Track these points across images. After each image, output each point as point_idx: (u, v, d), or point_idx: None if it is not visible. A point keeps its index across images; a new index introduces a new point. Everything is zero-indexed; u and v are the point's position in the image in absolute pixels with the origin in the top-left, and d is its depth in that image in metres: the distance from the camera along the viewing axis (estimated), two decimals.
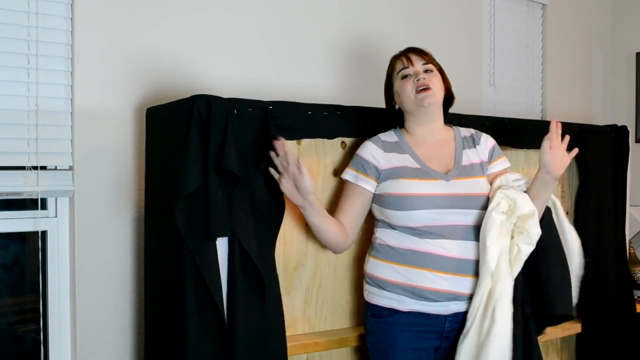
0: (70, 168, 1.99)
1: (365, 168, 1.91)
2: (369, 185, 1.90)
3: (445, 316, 1.85)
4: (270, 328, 1.78)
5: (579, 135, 2.59)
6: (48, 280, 2.01)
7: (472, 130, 2.02)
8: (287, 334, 1.84)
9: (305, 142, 2.04)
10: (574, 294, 2.03)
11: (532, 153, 2.52)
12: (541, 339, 2.44)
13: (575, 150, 1.93)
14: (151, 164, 1.94)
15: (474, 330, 1.80)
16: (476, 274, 1.83)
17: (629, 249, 2.98)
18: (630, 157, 2.77)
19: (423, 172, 1.87)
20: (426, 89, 1.86)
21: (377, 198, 1.91)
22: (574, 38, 3.45)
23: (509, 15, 3.17)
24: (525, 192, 1.92)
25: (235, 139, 1.71)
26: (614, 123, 2.81)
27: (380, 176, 1.90)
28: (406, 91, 1.89)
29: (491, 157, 1.97)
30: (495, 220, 1.81)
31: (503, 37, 3.13)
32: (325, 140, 2.07)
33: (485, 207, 1.85)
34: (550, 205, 2.04)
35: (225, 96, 1.76)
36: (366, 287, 1.94)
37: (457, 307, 1.84)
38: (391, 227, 1.88)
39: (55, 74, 1.97)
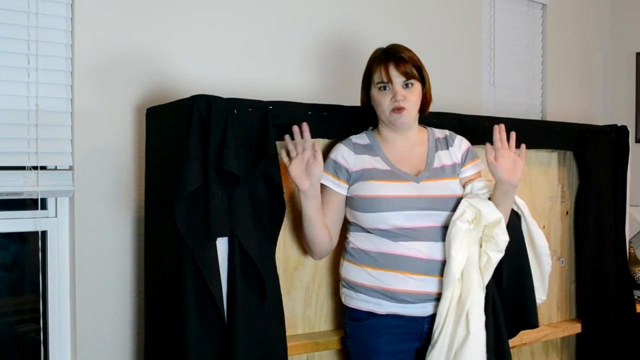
0: (70, 168, 1.99)
1: (337, 171, 1.89)
2: (341, 188, 1.89)
3: (424, 318, 1.84)
4: (270, 328, 1.78)
5: (579, 135, 2.59)
6: (48, 280, 2.01)
7: (446, 132, 1.98)
8: (287, 334, 1.84)
9: None
10: (539, 296, 2.06)
11: (532, 153, 2.52)
12: (541, 339, 2.46)
13: (524, 148, 1.87)
14: (151, 164, 1.94)
15: (443, 340, 1.78)
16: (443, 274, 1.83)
17: (629, 249, 2.98)
18: (630, 157, 2.77)
19: (393, 174, 1.85)
20: (400, 109, 1.82)
21: (348, 201, 1.89)
22: (574, 38, 3.45)
23: (509, 15, 3.17)
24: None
25: (235, 139, 1.71)
26: (614, 123, 2.81)
27: (351, 178, 1.88)
28: (382, 105, 1.84)
29: (464, 160, 1.93)
30: (459, 229, 1.79)
31: (503, 37, 3.13)
32: (326, 140, 2.07)
33: (455, 209, 1.84)
34: (516, 209, 2.01)
35: (225, 96, 1.76)
36: (342, 290, 1.93)
37: (435, 308, 1.82)
38: (364, 230, 1.86)
39: (55, 74, 1.97)
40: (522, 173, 1.83)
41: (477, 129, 2.15)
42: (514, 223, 1.98)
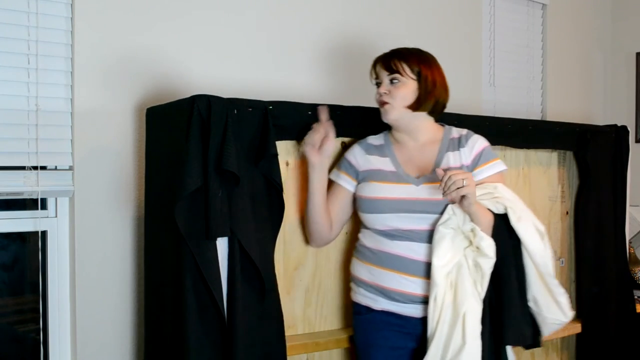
0: (70, 168, 1.99)
1: (346, 167, 1.96)
2: (347, 183, 1.95)
3: (418, 319, 1.83)
4: (270, 328, 1.78)
5: (579, 135, 2.59)
6: (48, 280, 2.01)
7: (463, 132, 1.94)
8: (287, 334, 1.84)
9: None
10: (554, 316, 1.92)
11: (532, 153, 2.52)
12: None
13: (440, 171, 1.73)
14: (151, 164, 1.94)
15: (436, 348, 1.75)
16: None
17: (629, 249, 2.98)
18: (630, 157, 2.77)
19: (396, 176, 1.87)
20: (382, 103, 1.85)
21: (355, 201, 1.95)
22: (574, 38, 3.45)
23: (509, 15, 3.17)
24: None
25: (235, 139, 1.71)
26: (614, 123, 2.81)
27: (359, 177, 1.94)
28: (375, 100, 1.90)
29: (477, 162, 1.88)
30: (442, 235, 1.76)
31: (503, 37, 3.13)
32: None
33: None
34: (502, 210, 1.85)
35: (225, 96, 1.76)
36: (351, 285, 1.99)
37: (426, 311, 1.80)
38: (368, 228, 1.92)
39: (55, 74, 1.97)
40: (469, 182, 1.68)
41: (477, 129, 2.15)
42: (498, 231, 1.84)
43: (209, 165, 1.66)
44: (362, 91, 2.55)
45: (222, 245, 1.70)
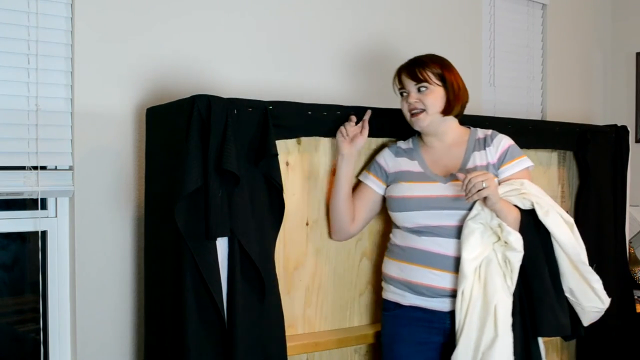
0: (70, 168, 1.99)
1: (375, 170, 2.04)
2: (374, 184, 2.03)
3: (445, 313, 1.88)
4: (270, 328, 1.78)
5: (579, 135, 2.59)
6: (48, 280, 2.01)
7: (488, 132, 2.00)
8: (287, 334, 1.84)
9: (305, 141, 2.04)
10: (593, 304, 1.95)
11: (532, 153, 2.51)
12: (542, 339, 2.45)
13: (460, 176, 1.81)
14: (151, 164, 1.94)
15: (467, 341, 1.78)
16: None
17: (629, 249, 2.98)
18: (630, 157, 2.77)
19: (423, 176, 1.95)
20: (416, 113, 1.91)
21: (386, 201, 2.02)
22: (574, 38, 3.45)
23: (509, 15, 3.17)
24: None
25: (235, 139, 1.71)
26: (614, 123, 2.81)
27: (388, 179, 2.02)
28: (403, 111, 1.96)
29: (503, 160, 1.94)
30: (470, 228, 1.81)
31: (503, 37, 3.13)
32: (326, 140, 2.07)
33: None
34: (529, 206, 1.88)
35: (225, 96, 1.76)
36: (382, 283, 2.04)
37: (454, 304, 1.84)
38: (398, 227, 1.98)
39: (55, 74, 1.97)
40: (488, 183, 1.74)
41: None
42: (527, 227, 1.89)
43: (209, 165, 1.66)
44: (363, 91, 2.55)
45: (222, 245, 1.70)
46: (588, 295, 1.95)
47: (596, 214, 2.61)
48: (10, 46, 1.90)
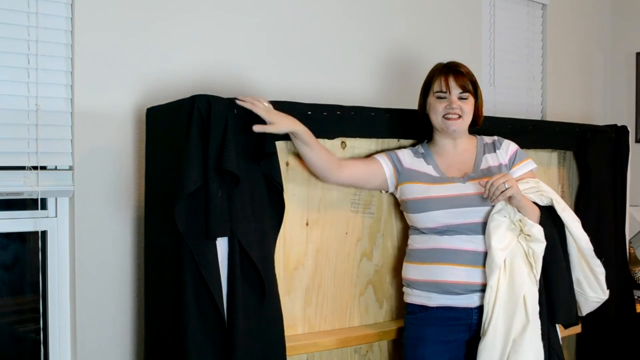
0: (70, 168, 1.99)
1: (392, 157, 2.06)
2: (385, 164, 2.04)
3: (472, 309, 1.93)
4: (270, 328, 1.78)
5: (579, 135, 2.59)
6: (48, 280, 2.01)
7: (494, 138, 2.12)
8: (287, 334, 1.84)
9: None
10: (595, 295, 2.08)
11: (532, 153, 2.52)
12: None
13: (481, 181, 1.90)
14: (151, 164, 1.94)
15: (494, 330, 1.84)
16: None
17: (629, 249, 2.98)
18: (630, 157, 2.77)
19: (441, 179, 2.01)
20: (454, 117, 1.98)
21: (402, 205, 2.07)
22: (574, 38, 3.46)
23: (509, 15, 3.17)
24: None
25: (235, 139, 1.71)
26: (614, 123, 2.81)
27: (402, 173, 2.04)
28: (437, 111, 2.00)
29: (513, 161, 2.06)
30: (499, 222, 1.90)
31: (503, 37, 3.13)
32: (326, 140, 2.07)
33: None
34: (548, 202, 2.01)
35: (225, 96, 1.76)
36: (403, 289, 2.07)
37: (481, 299, 1.91)
38: (418, 231, 2.02)
39: (55, 74, 1.97)
40: (510, 183, 1.84)
41: (477, 130, 2.15)
42: (545, 221, 1.99)
43: (209, 165, 1.66)
44: (363, 92, 2.55)
45: (222, 245, 1.70)
46: (593, 286, 2.08)
47: (596, 213, 2.61)
48: (10, 46, 1.90)
